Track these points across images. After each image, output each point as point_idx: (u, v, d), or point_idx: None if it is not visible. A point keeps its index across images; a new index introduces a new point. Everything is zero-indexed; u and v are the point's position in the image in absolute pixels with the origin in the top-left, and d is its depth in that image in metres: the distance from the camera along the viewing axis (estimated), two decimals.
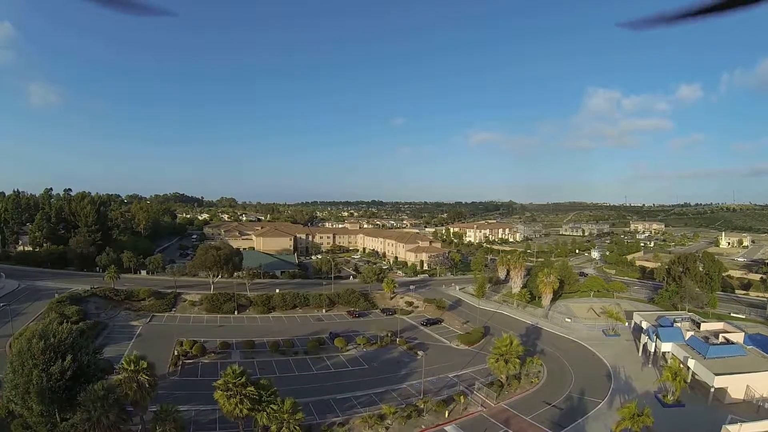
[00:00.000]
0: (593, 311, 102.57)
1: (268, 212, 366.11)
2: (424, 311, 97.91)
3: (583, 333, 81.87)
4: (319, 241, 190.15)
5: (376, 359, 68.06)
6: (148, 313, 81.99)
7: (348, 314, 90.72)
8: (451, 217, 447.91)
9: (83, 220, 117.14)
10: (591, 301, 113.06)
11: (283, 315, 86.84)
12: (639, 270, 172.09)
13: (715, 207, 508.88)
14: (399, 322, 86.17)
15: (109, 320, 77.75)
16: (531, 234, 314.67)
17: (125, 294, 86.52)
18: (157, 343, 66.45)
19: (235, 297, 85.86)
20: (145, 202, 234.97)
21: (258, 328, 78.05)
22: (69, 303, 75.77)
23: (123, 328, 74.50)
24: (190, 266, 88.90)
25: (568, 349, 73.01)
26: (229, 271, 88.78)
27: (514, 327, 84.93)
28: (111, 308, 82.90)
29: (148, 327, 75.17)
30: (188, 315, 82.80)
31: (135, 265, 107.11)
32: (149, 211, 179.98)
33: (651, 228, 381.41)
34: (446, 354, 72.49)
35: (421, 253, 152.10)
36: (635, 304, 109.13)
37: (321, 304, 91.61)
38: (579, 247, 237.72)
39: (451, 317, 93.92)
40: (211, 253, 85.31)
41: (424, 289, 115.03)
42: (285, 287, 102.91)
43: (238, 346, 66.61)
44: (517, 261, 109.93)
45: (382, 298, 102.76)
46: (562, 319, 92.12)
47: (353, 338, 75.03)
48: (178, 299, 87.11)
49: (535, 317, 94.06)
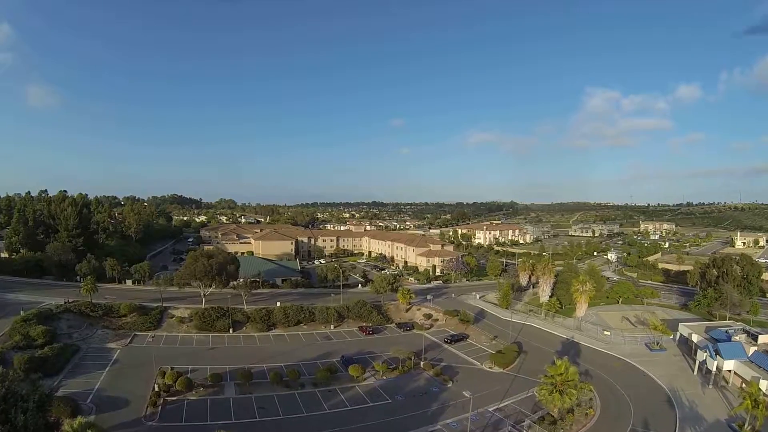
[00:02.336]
0: (628, 321, 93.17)
1: (267, 214, 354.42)
2: (445, 325, 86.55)
3: (625, 348, 73.27)
4: (321, 244, 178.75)
5: (400, 390, 56.74)
6: (129, 332, 70.64)
7: (360, 331, 79.26)
8: (455, 218, 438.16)
9: (63, 224, 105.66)
10: (620, 308, 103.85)
11: (286, 333, 75.19)
12: (662, 273, 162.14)
13: (722, 206, 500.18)
14: (419, 339, 75.53)
15: (83, 342, 66.38)
16: (540, 235, 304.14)
17: (104, 309, 75.13)
18: (135, 372, 55.48)
19: (230, 312, 74.36)
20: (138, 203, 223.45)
21: (256, 351, 66.47)
22: (36, 322, 64.64)
23: (98, 351, 63.19)
24: (177, 277, 76.92)
25: (614, 369, 64.24)
26: (222, 283, 76.98)
27: (547, 342, 76.95)
28: (86, 327, 71.46)
29: (128, 351, 63.72)
30: (175, 334, 71.23)
31: (119, 274, 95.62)
32: (141, 213, 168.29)
33: (662, 228, 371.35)
34: (480, 379, 61.83)
35: (433, 257, 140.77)
36: (669, 311, 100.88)
37: (329, 319, 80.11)
38: (594, 249, 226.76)
39: (477, 332, 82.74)
40: (202, 262, 73.31)
41: (441, 298, 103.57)
42: (287, 298, 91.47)
43: (233, 376, 55.06)
44: (546, 267, 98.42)
45: (396, 311, 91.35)
46: (598, 331, 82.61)
47: (369, 362, 63.68)
48: (164, 315, 75.56)
49: (567, 329, 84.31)
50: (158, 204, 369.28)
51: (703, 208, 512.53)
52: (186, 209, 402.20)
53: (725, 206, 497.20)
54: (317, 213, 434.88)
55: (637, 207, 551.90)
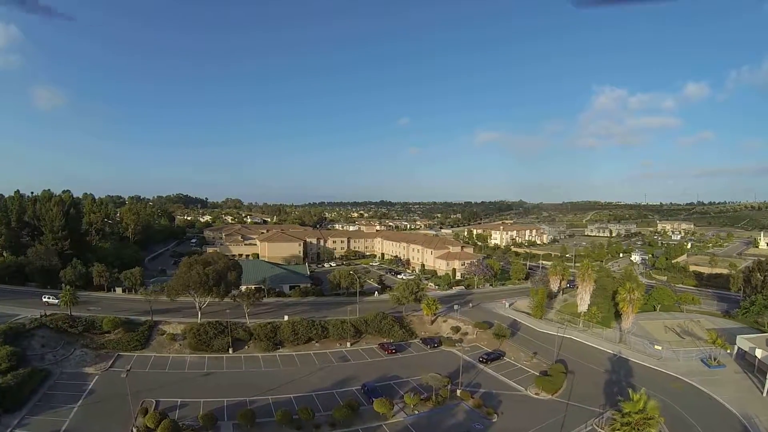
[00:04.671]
0: (674, 332, 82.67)
1: (274, 213, 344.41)
2: (476, 340, 75.39)
3: (679, 365, 64.35)
4: (332, 246, 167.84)
5: (436, 428, 46.12)
6: (112, 352, 60.25)
7: (380, 349, 68.14)
8: (465, 218, 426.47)
9: (48, 225, 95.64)
10: (660, 316, 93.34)
11: (295, 353, 64.07)
12: (693, 276, 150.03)
13: (737, 205, 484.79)
14: (449, 358, 65.05)
15: (56, 365, 56.15)
16: (556, 235, 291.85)
17: (84, 324, 64.69)
18: (112, 407, 45.27)
19: (230, 328, 63.55)
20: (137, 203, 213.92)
21: (260, 377, 55.53)
22: (3, 341, 54.39)
23: (72, 378, 52.91)
24: (168, 288, 65.52)
25: (674, 391, 55.19)
26: (221, 294, 65.84)
27: (592, 358, 68.08)
28: (63, 345, 61.11)
29: (107, 377, 53.12)
30: (166, 355, 60.46)
31: (107, 281, 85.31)
32: (140, 213, 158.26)
33: (680, 228, 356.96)
34: (528, 410, 51.59)
35: (453, 260, 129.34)
36: (713, 319, 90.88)
37: (344, 335, 69.08)
38: (617, 250, 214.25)
39: (514, 348, 71.80)
40: (197, 270, 61.96)
41: (467, 307, 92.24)
42: (295, 310, 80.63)
43: (231, 415, 44.32)
44: (586, 272, 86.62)
45: (420, 323, 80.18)
46: (645, 344, 72.78)
47: (396, 392, 52.81)
48: (153, 331, 64.84)
49: (611, 343, 74.37)
50: (163, 203, 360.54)
51: (717, 208, 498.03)
52: (191, 209, 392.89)
53: (740, 205, 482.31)
54: (325, 213, 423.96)
55: (650, 206, 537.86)
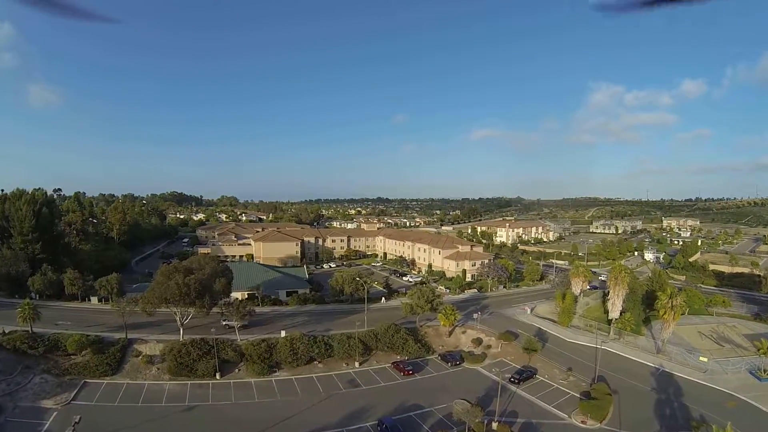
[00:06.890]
0: (710, 339, 74.58)
1: (270, 211, 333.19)
2: (501, 353, 66.01)
3: (728, 378, 57.24)
4: (330, 245, 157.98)
5: None
6: (77, 379, 50.65)
7: (394, 369, 58.52)
8: (465, 215, 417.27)
9: (18, 227, 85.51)
10: (690, 320, 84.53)
11: (294, 377, 54.27)
12: (713, 275, 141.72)
13: (739, 201, 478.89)
14: (474, 378, 56.66)
15: (10, 396, 46.79)
16: (561, 232, 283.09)
17: (47, 344, 54.98)
18: None
19: (217, 348, 53.84)
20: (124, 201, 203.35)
21: (253, 411, 45.77)
22: None
23: (27, 415, 43.58)
24: (143, 302, 54.81)
25: (730, 411, 47.48)
26: (206, 306, 55.66)
27: (633, 373, 59.40)
28: (21, 371, 51.54)
29: (67, 413, 43.19)
30: (140, 382, 50.61)
31: (81, 289, 75.35)
32: (126, 211, 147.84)
33: (686, 225, 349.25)
34: None
35: (462, 260, 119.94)
36: (745, 323, 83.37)
37: (352, 353, 59.50)
38: (628, 248, 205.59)
39: (545, 363, 62.76)
40: (176, 280, 51.41)
41: (486, 314, 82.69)
42: (294, 321, 70.87)
43: None
44: (620, 275, 77.31)
45: (436, 335, 70.68)
46: (684, 354, 65.06)
47: (420, 426, 43.42)
48: (127, 352, 54.97)
49: (649, 354, 66.18)
50: (154, 202, 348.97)
51: (720, 204, 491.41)
52: (184, 207, 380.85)
53: (742, 201, 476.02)
54: (322, 210, 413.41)
55: (651, 202, 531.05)
